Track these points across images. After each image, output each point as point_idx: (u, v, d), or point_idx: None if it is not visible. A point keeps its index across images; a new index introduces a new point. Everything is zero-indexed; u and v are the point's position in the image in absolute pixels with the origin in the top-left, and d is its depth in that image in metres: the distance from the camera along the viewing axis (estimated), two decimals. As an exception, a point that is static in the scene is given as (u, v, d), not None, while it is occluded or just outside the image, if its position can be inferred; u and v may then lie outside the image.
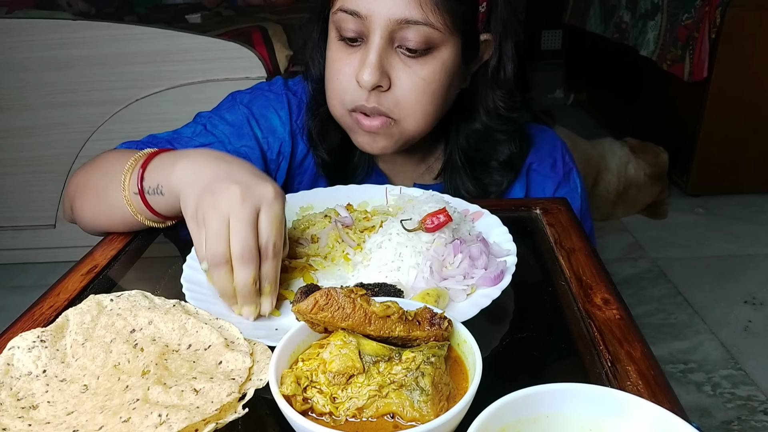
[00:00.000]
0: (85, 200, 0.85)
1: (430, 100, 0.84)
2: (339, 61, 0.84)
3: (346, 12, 0.80)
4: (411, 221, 0.71)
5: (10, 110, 2.36)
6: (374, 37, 0.79)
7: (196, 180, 0.67)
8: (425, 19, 0.78)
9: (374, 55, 0.80)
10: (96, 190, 0.84)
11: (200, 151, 0.74)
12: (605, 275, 0.71)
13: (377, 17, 0.78)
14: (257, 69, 2.27)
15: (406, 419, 0.45)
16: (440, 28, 0.79)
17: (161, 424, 0.44)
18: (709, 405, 1.81)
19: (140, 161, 0.77)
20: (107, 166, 0.84)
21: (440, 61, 0.82)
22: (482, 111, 0.93)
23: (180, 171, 0.70)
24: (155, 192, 0.75)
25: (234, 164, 0.68)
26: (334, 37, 0.85)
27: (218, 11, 3.32)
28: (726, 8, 2.63)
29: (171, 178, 0.71)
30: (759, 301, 2.27)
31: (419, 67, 0.82)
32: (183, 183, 0.69)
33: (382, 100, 0.83)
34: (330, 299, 0.49)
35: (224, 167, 0.66)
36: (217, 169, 0.66)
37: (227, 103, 1.01)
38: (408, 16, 0.77)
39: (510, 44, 0.89)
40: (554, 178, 1.00)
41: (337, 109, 0.88)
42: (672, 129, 3.13)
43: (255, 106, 0.99)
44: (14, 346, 0.53)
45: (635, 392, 0.50)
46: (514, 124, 0.94)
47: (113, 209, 0.80)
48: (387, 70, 0.81)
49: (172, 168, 0.71)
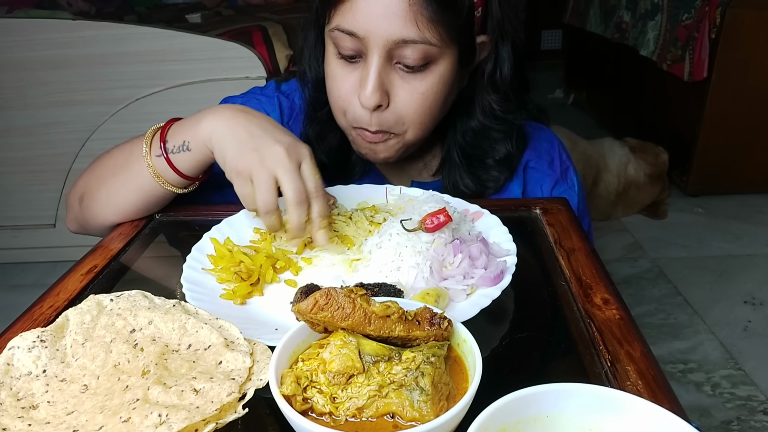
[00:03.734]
0: (101, 183, 0.87)
1: (429, 112, 0.85)
2: (339, 79, 0.84)
3: (342, 32, 0.79)
4: (411, 221, 0.71)
5: (10, 110, 2.36)
6: (372, 57, 0.79)
7: (232, 136, 0.74)
8: (422, 38, 0.77)
9: (373, 76, 0.79)
10: (112, 168, 0.86)
11: (224, 107, 0.80)
12: (605, 275, 0.71)
13: (374, 38, 0.77)
14: (257, 69, 2.27)
15: (406, 419, 0.45)
16: (437, 43, 0.78)
17: (161, 424, 0.44)
18: (709, 405, 1.81)
19: (159, 128, 0.82)
20: (119, 150, 0.88)
21: (438, 74, 0.82)
22: (479, 110, 0.93)
23: (209, 125, 0.76)
24: (180, 149, 0.79)
25: (261, 119, 0.76)
26: (332, 52, 0.84)
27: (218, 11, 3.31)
28: (726, 8, 2.63)
29: (199, 133, 0.77)
30: (759, 301, 2.27)
31: (417, 82, 0.82)
32: (217, 138, 0.76)
33: (383, 118, 0.83)
34: (330, 299, 0.49)
35: (256, 123, 0.75)
36: (250, 125, 0.75)
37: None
38: (405, 36, 0.77)
39: (506, 46, 0.89)
40: (552, 175, 1.00)
41: (341, 121, 0.89)
42: (672, 129, 3.13)
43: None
44: (14, 346, 0.53)
45: (635, 392, 0.51)
46: (511, 123, 0.95)
47: (131, 179, 0.83)
48: (386, 88, 0.81)
49: (198, 124, 0.77)
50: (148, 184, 0.82)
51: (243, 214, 0.82)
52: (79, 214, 0.91)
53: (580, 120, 4.15)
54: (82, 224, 0.93)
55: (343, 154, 0.97)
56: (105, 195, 0.86)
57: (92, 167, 0.91)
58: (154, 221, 0.89)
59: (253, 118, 0.76)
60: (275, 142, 0.72)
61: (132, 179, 0.83)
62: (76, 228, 0.95)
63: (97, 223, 0.89)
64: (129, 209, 0.86)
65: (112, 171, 0.86)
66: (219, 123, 0.76)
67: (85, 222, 0.91)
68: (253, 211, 0.75)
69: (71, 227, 0.96)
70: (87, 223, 0.91)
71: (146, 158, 0.81)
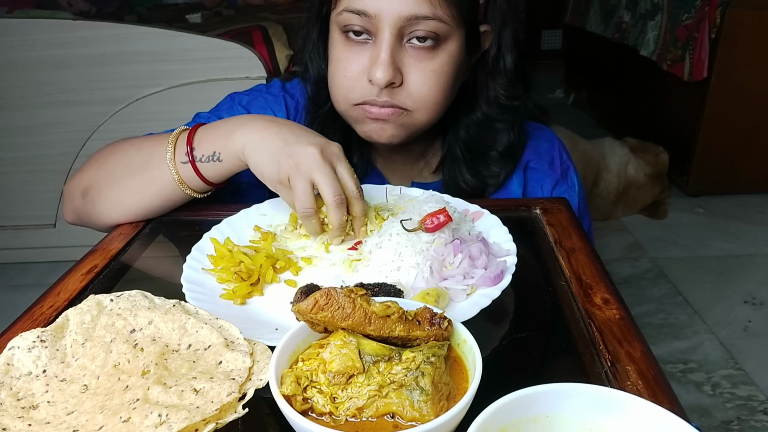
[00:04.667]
0: (113, 182, 0.85)
1: (441, 92, 0.85)
2: (345, 60, 0.84)
3: (352, 12, 0.80)
4: (411, 221, 0.71)
5: (10, 109, 2.36)
6: (384, 35, 0.79)
7: (267, 148, 0.76)
8: (434, 14, 0.78)
9: (386, 53, 0.80)
10: (127, 168, 0.85)
11: (254, 117, 0.81)
12: (605, 275, 0.71)
13: (386, 15, 0.78)
14: (257, 69, 2.27)
15: (406, 419, 0.45)
16: (448, 21, 0.80)
17: (161, 424, 0.44)
18: (709, 405, 1.81)
19: (184, 134, 0.82)
20: (135, 148, 0.86)
21: (448, 53, 0.83)
22: (482, 101, 0.94)
23: (242, 138, 0.78)
24: (210, 159, 0.80)
25: (291, 125, 0.78)
26: (338, 37, 0.85)
27: (218, 11, 3.32)
28: (726, 8, 2.63)
29: (231, 145, 0.79)
30: (759, 301, 2.27)
31: (429, 60, 0.82)
32: (250, 150, 0.77)
33: (395, 95, 0.83)
34: (330, 299, 0.49)
35: (287, 130, 0.76)
36: (281, 133, 0.76)
37: (226, 104, 1.02)
38: (417, 12, 0.78)
39: (509, 34, 0.90)
40: (552, 175, 1.01)
41: (341, 105, 0.88)
42: (672, 129, 3.13)
43: (253, 107, 1.00)
44: (14, 346, 0.53)
45: (635, 392, 0.51)
46: (514, 113, 0.95)
47: (151, 183, 0.83)
48: (398, 66, 0.82)
49: (230, 137, 0.79)
50: (169, 189, 0.82)
51: (243, 214, 0.83)
52: (81, 207, 0.89)
53: (580, 120, 4.15)
54: (81, 217, 0.91)
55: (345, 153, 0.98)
56: (117, 195, 0.85)
57: (99, 161, 0.89)
58: (154, 221, 0.89)
59: (284, 126, 0.77)
60: (308, 144, 0.73)
61: (152, 183, 0.83)
62: (74, 219, 0.93)
63: (101, 220, 0.88)
64: (140, 212, 0.86)
65: (127, 171, 0.85)
66: (252, 135, 0.77)
67: (87, 216, 0.89)
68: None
69: (68, 218, 0.94)
70: (89, 217, 0.89)
71: (170, 164, 0.80)
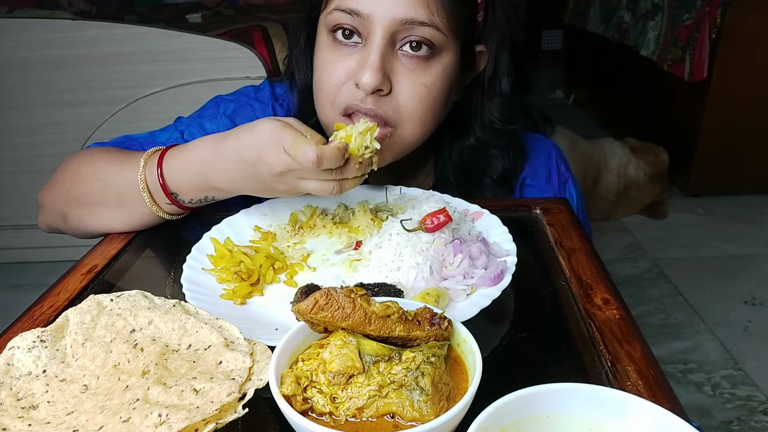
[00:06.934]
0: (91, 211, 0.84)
1: (430, 108, 0.81)
2: (331, 63, 0.79)
3: (344, 11, 0.76)
4: (411, 221, 0.71)
5: (10, 109, 2.36)
6: (375, 38, 0.75)
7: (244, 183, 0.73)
8: (431, 20, 0.75)
9: (376, 56, 0.75)
10: (100, 199, 0.82)
11: (216, 156, 0.74)
12: (605, 275, 0.70)
13: (380, 16, 0.74)
14: (257, 69, 2.27)
15: (406, 419, 0.45)
16: (444, 30, 0.76)
17: (161, 424, 0.44)
18: (709, 405, 1.81)
19: (152, 171, 0.77)
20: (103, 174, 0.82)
21: (442, 67, 0.79)
22: (476, 124, 0.91)
23: (220, 179, 0.75)
24: (204, 202, 0.80)
25: (246, 148, 0.70)
26: (325, 40, 0.81)
27: (218, 11, 3.32)
28: (726, 8, 2.63)
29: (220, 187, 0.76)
30: (759, 301, 2.27)
31: (422, 72, 0.78)
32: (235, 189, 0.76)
33: (381, 105, 0.78)
34: (330, 299, 0.49)
35: (246, 159, 0.70)
36: (246, 169, 0.71)
37: (210, 109, 0.98)
38: (413, 16, 0.74)
39: (506, 56, 0.87)
40: (549, 191, 0.98)
41: (328, 114, 0.82)
42: (672, 129, 3.13)
43: (239, 117, 0.95)
44: (14, 346, 0.53)
45: (635, 392, 0.50)
46: (509, 137, 0.92)
47: (134, 215, 0.82)
48: (388, 73, 0.77)
49: (208, 180, 0.76)
50: (152, 219, 0.82)
51: (243, 214, 0.82)
52: (63, 227, 0.89)
53: (580, 120, 4.15)
54: (62, 231, 0.91)
55: None
56: (99, 223, 0.84)
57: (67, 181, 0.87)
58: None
59: (242, 151, 0.70)
60: (255, 179, 0.71)
61: (133, 215, 0.82)
62: (49, 231, 0.93)
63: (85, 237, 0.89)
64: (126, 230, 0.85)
65: (102, 202, 0.82)
66: (227, 177, 0.74)
67: (70, 233, 0.90)
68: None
69: (42, 228, 0.94)
70: (72, 234, 0.90)
71: (154, 209, 0.79)
